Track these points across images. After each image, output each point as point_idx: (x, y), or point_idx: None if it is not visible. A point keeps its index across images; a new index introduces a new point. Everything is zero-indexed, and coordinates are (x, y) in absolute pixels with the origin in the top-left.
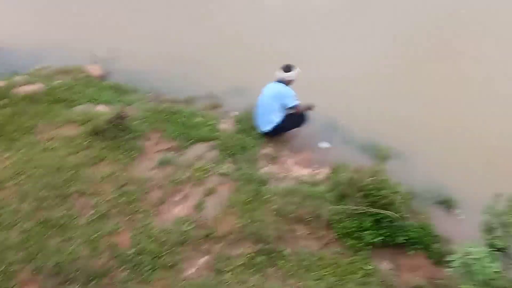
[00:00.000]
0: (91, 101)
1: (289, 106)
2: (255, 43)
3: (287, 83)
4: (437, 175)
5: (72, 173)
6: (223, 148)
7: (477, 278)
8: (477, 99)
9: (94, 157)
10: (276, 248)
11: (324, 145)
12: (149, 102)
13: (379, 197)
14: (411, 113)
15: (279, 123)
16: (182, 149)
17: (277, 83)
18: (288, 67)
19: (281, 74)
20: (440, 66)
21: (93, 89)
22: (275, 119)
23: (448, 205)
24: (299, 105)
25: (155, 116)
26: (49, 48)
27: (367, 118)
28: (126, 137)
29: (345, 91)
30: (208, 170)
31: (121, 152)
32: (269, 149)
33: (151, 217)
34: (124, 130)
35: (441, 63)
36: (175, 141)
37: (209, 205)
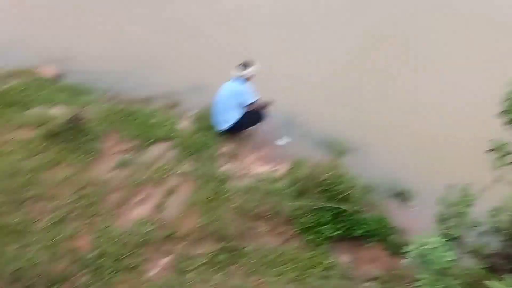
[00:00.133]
0: (46, 103)
1: (247, 103)
2: (213, 40)
3: (247, 79)
4: (393, 169)
5: (28, 177)
6: (182, 147)
7: (432, 267)
8: (429, 94)
9: (50, 161)
10: (237, 245)
11: (282, 141)
12: (106, 102)
13: (337, 192)
14: (366, 108)
15: (238, 120)
16: (141, 150)
17: (235, 81)
18: (246, 64)
19: (239, 70)
20: (393, 62)
21: (47, 90)
22: (233, 117)
23: (403, 198)
24: (258, 101)
25: (112, 117)
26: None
27: (325, 113)
28: (83, 139)
29: (302, 87)
30: (168, 170)
31: (79, 154)
32: (229, 147)
33: (111, 220)
34: (81, 132)
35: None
36: (134, 141)
37: (169, 205)
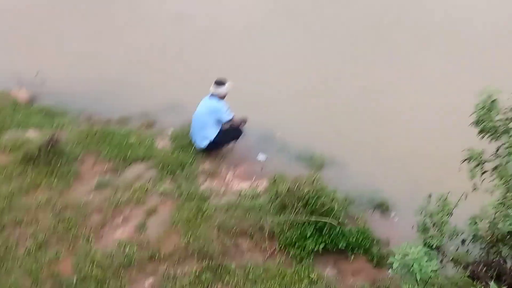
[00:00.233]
0: (21, 127)
1: (224, 120)
2: (187, 58)
3: (221, 97)
4: (372, 180)
5: (6, 202)
6: (161, 166)
7: (416, 277)
8: (405, 105)
9: (28, 185)
10: (221, 263)
11: (261, 157)
12: (82, 124)
13: (318, 205)
14: (343, 121)
15: (215, 138)
16: (119, 170)
17: (211, 98)
18: (220, 82)
19: (214, 88)
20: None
21: (22, 114)
22: (211, 134)
23: (383, 209)
24: (234, 118)
25: (89, 138)
26: None
27: (302, 128)
28: (60, 162)
29: (278, 103)
30: (147, 189)
31: (56, 177)
32: (208, 165)
33: (93, 242)
34: (57, 154)
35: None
36: (112, 162)
37: (151, 225)
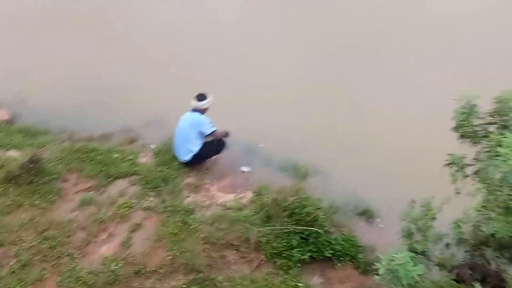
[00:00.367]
0: (2, 146)
1: (207, 133)
2: (169, 74)
3: (202, 111)
4: (356, 188)
5: None
6: (145, 182)
7: (402, 282)
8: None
9: (9, 205)
10: (208, 276)
11: (245, 168)
12: (63, 142)
13: (303, 215)
14: (326, 131)
15: (198, 151)
16: (102, 187)
17: (193, 112)
18: (201, 96)
19: (195, 103)
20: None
21: (2, 134)
22: (194, 148)
23: (368, 216)
24: (216, 131)
25: (70, 156)
26: None
27: (285, 139)
28: (43, 180)
29: (261, 114)
30: (131, 205)
31: (39, 196)
32: (192, 178)
33: (77, 260)
34: (39, 173)
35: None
36: (94, 180)
37: (136, 241)
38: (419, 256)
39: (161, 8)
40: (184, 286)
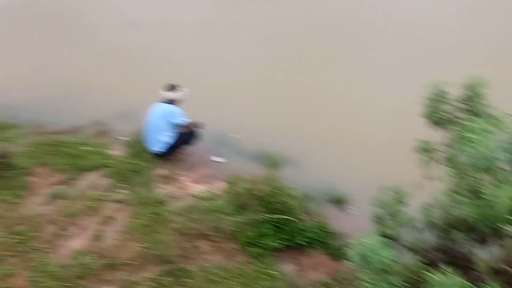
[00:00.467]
0: None
1: (179, 124)
2: (138, 65)
3: (173, 101)
4: (328, 176)
5: None
6: (116, 174)
7: (374, 267)
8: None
9: None
10: (181, 266)
11: (217, 159)
12: (31, 136)
13: (276, 203)
14: (296, 120)
15: (170, 142)
16: (72, 181)
17: (163, 103)
18: (171, 87)
19: (165, 93)
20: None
21: None
22: (165, 139)
23: (340, 203)
24: (188, 122)
25: (39, 150)
26: None
27: (257, 129)
28: (12, 175)
29: (232, 104)
30: (102, 198)
31: (7, 192)
32: (164, 170)
33: (48, 254)
34: (7, 168)
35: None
36: (64, 173)
37: (107, 233)
38: (390, 241)
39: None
40: (157, 277)
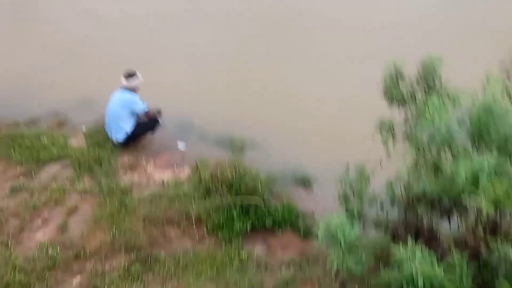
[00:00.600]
0: None
1: (139, 112)
2: (95, 54)
3: (132, 89)
4: (293, 158)
5: None
6: (78, 164)
7: (341, 244)
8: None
9: None
10: (150, 253)
11: (181, 145)
12: None
13: (242, 187)
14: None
15: (132, 130)
16: (33, 173)
17: (123, 91)
18: (129, 73)
19: (125, 81)
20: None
21: None
22: (126, 127)
23: (306, 183)
24: (148, 110)
25: None
26: None
27: (219, 113)
28: None
29: (194, 90)
30: (65, 189)
31: None
32: (127, 158)
33: (12, 248)
34: None
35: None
36: (24, 165)
37: (73, 224)
38: (356, 218)
39: None
40: (126, 265)
